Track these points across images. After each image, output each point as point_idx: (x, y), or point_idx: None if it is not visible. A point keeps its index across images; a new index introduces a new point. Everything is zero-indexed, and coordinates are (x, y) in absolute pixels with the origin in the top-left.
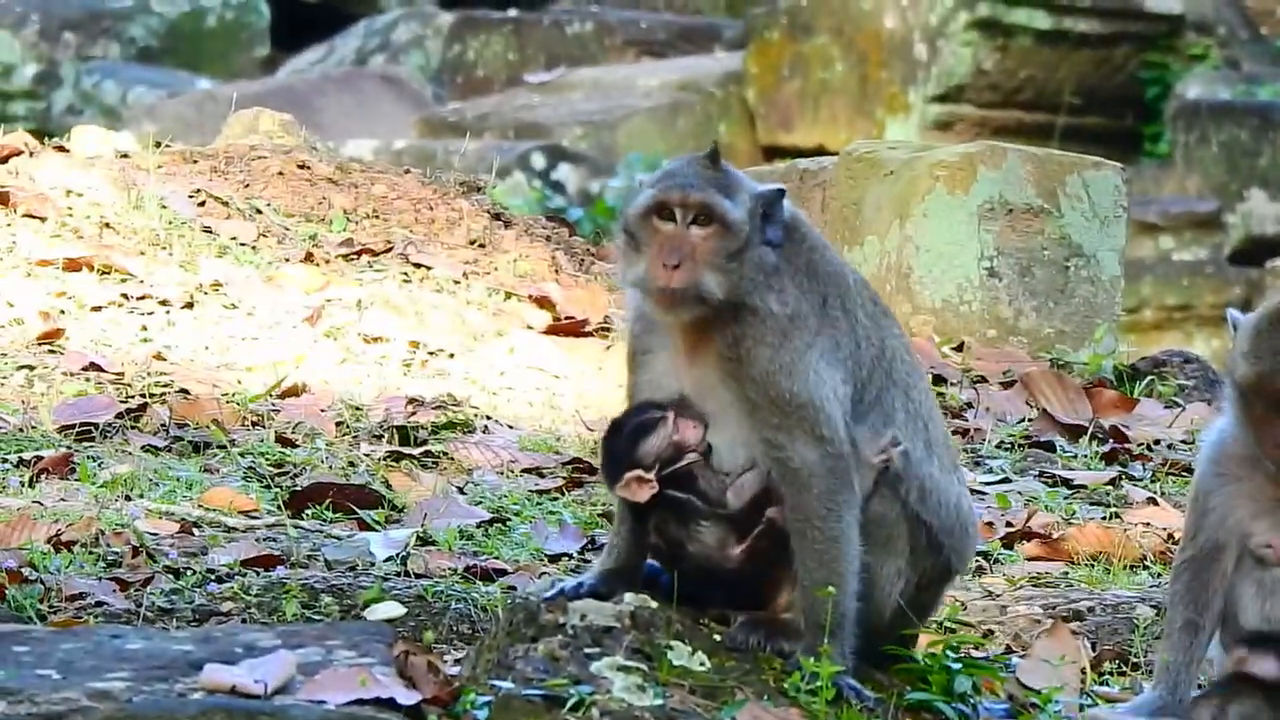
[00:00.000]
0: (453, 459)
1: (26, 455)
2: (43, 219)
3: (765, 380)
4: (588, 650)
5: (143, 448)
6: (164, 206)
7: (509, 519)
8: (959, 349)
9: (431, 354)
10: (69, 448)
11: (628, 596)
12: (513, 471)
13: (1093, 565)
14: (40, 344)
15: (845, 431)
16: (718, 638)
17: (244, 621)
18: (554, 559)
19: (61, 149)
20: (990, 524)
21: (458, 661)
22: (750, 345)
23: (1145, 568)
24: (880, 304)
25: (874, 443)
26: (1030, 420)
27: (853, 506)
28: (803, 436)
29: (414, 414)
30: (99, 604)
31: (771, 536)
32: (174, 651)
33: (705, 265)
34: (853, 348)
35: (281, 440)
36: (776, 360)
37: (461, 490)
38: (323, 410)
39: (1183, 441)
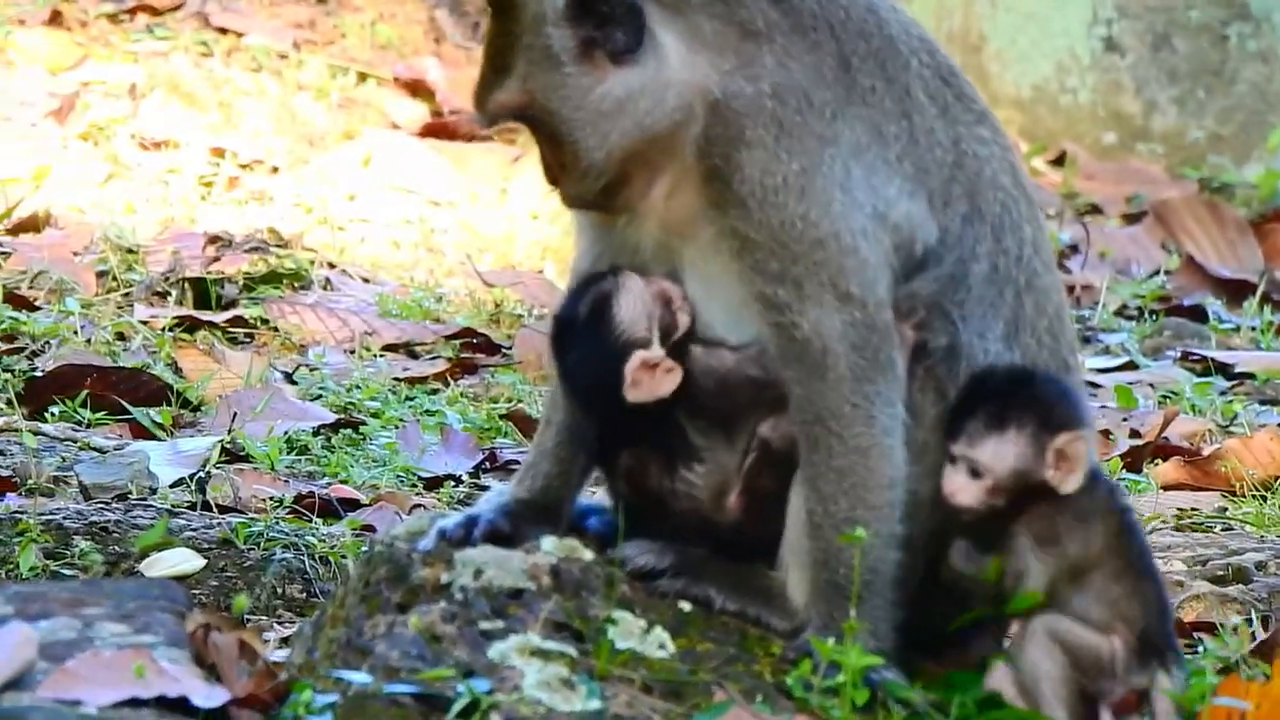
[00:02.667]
0: (277, 330)
1: None
2: None
3: (758, 200)
4: (485, 625)
5: None
6: None
7: (363, 423)
8: (1058, 162)
9: (245, 167)
10: None
11: (547, 543)
12: (370, 349)
13: (1265, 497)
14: None
15: (886, 287)
16: (686, 607)
17: None
18: (433, 484)
19: None
20: (1106, 434)
21: (285, 641)
22: (725, 150)
23: None
24: (957, 79)
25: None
26: (1169, 274)
27: (893, 403)
28: (816, 292)
29: (218, 260)
30: None
31: (770, 468)
32: None
33: (564, 174)
34: (906, 140)
35: (12, 299)
36: (775, 168)
37: (291, 378)
38: (76, 254)
39: None
